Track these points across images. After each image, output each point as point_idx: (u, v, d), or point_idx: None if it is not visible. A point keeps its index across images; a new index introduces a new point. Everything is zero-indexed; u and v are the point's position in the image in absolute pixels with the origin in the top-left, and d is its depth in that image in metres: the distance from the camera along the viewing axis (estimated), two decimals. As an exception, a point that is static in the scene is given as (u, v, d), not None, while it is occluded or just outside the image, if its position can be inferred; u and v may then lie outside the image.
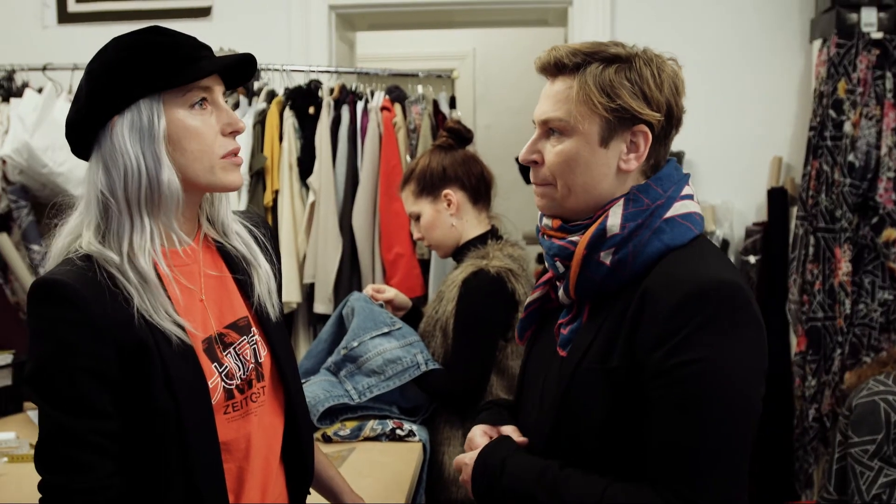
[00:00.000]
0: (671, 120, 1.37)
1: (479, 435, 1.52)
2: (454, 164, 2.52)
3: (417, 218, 2.55)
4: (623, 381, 1.29)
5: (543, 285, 1.52)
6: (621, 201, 1.35)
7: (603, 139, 1.35)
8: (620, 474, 1.28)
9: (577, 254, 1.35)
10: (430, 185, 2.51)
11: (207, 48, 1.38)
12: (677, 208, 1.35)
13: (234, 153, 1.38)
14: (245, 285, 1.46)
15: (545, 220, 1.45)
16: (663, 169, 1.39)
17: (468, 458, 1.47)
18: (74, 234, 1.34)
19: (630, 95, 1.33)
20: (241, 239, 1.48)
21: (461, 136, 2.61)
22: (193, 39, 1.36)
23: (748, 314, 1.26)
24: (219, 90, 1.38)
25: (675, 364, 1.23)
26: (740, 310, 1.26)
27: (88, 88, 1.32)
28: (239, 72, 1.41)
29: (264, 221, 1.59)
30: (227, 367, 1.38)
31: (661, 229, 1.33)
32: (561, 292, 1.42)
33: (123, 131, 1.30)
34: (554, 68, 1.38)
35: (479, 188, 2.55)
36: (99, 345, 1.25)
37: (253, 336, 1.44)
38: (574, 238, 1.37)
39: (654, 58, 1.36)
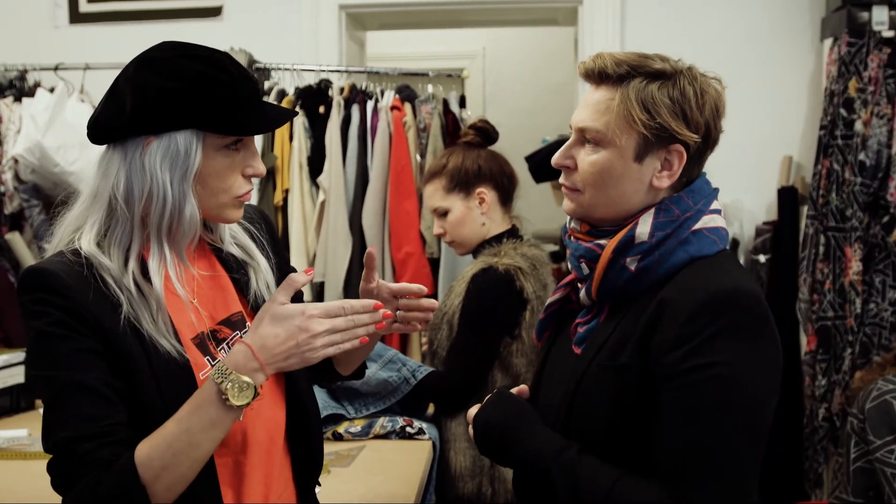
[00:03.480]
0: (708, 141, 1.36)
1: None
2: (489, 162, 2.52)
3: (443, 214, 2.53)
4: (632, 378, 1.29)
5: (564, 287, 1.52)
6: (652, 210, 1.35)
7: (638, 155, 1.34)
8: (625, 469, 1.29)
9: (604, 257, 1.35)
10: (463, 182, 2.49)
11: (257, 87, 1.37)
12: (706, 221, 1.36)
13: (247, 195, 1.39)
14: (241, 283, 1.47)
15: (573, 224, 1.45)
16: (696, 182, 1.39)
17: (475, 409, 1.50)
18: (75, 226, 1.35)
19: (670, 114, 1.32)
20: (237, 240, 1.49)
21: (489, 135, 2.61)
22: (250, 80, 1.36)
23: (768, 328, 1.27)
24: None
25: (692, 367, 1.23)
26: (761, 322, 1.27)
27: (135, 103, 1.30)
28: None
29: (261, 215, 1.60)
30: (219, 361, 1.37)
31: (688, 240, 1.34)
32: (582, 293, 1.43)
33: (157, 155, 1.30)
34: (598, 76, 1.37)
35: (509, 188, 2.56)
36: (85, 328, 1.26)
37: (247, 330, 1.44)
38: (602, 241, 1.37)
39: (699, 77, 1.36)
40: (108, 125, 1.32)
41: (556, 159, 1.42)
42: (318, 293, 3.37)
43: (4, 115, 3.48)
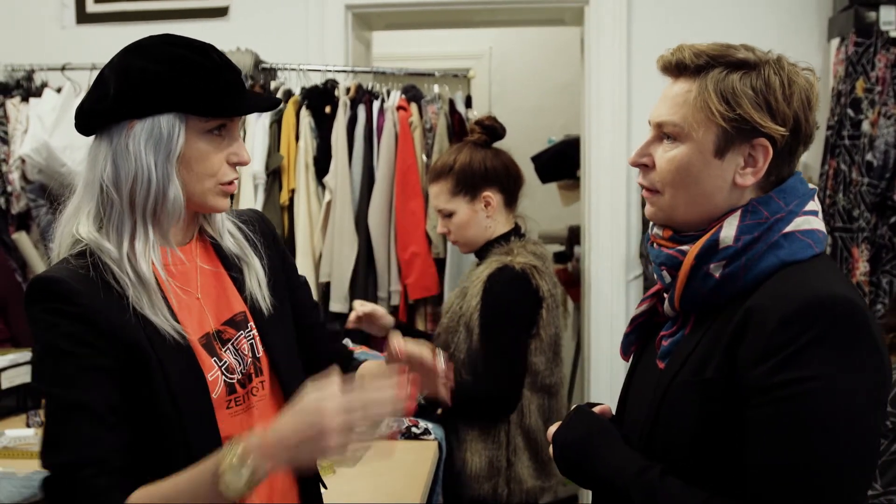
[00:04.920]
0: (798, 135, 1.28)
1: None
2: (495, 164, 2.49)
3: (448, 214, 2.51)
4: (718, 394, 1.22)
5: (650, 298, 1.44)
6: (738, 212, 1.27)
7: (718, 150, 1.26)
8: (711, 490, 1.22)
9: (686, 264, 1.28)
10: (469, 185, 2.47)
11: (240, 77, 1.39)
12: (799, 223, 1.26)
13: (231, 183, 1.40)
14: (238, 282, 1.48)
15: (656, 229, 1.37)
16: (788, 181, 1.30)
17: (554, 428, 1.44)
18: (73, 221, 1.36)
19: (752, 105, 1.24)
20: (233, 238, 1.50)
21: (496, 132, 2.58)
22: (234, 69, 1.37)
23: (868, 336, 1.16)
24: (238, 119, 1.40)
25: (783, 381, 1.14)
26: (859, 330, 1.16)
27: (119, 86, 1.32)
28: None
29: (258, 217, 1.60)
30: (226, 361, 1.39)
31: (779, 244, 1.24)
32: (666, 304, 1.35)
33: (141, 138, 1.31)
34: (676, 69, 1.30)
35: (515, 190, 2.54)
36: (96, 336, 1.26)
37: (250, 330, 1.46)
38: (684, 248, 1.29)
39: (787, 66, 1.28)
40: (93, 110, 1.35)
41: (632, 158, 1.35)
42: (324, 293, 3.37)
43: (12, 115, 3.49)
